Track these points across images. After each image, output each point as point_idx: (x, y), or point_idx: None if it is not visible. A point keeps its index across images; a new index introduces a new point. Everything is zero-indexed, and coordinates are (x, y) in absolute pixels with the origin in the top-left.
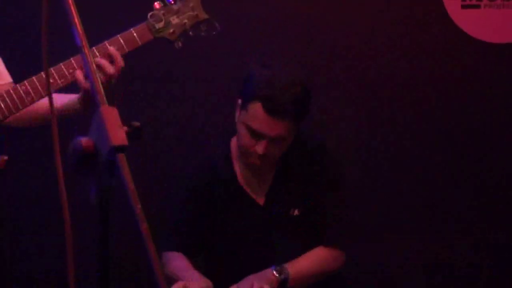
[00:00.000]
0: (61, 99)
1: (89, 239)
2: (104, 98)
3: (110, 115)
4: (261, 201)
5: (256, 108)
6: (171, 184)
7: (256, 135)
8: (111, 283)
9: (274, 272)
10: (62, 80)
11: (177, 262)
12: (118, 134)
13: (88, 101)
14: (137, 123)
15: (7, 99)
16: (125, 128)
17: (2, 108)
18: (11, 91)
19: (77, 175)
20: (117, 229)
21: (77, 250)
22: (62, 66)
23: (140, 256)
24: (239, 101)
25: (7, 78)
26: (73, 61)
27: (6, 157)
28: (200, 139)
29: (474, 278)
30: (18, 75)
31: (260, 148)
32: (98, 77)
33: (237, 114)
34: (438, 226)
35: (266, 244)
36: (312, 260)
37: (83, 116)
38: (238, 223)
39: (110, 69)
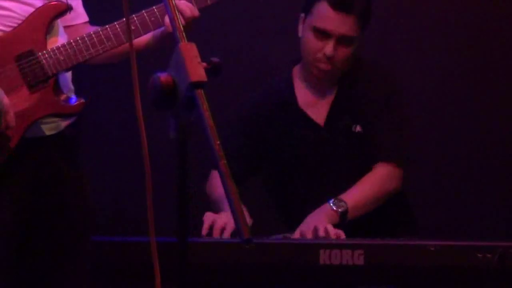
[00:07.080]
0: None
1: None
2: (183, 34)
3: (189, 51)
4: (321, 122)
5: (322, 6)
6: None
7: (323, 35)
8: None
9: (333, 206)
10: (144, 28)
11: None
12: (197, 70)
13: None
14: (216, 59)
15: (88, 42)
16: (204, 64)
17: (82, 50)
18: (93, 34)
19: (156, 110)
20: None
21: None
22: (144, 14)
23: None
24: (302, 14)
25: (84, 17)
26: (155, 10)
27: (83, 100)
28: None
29: None
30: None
31: (328, 48)
32: (179, 17)
33: (300, 28)
34: None
35: (327, 164)
36: (367, 185)
37: None
38: (298, 145)
39: (187, 12)
